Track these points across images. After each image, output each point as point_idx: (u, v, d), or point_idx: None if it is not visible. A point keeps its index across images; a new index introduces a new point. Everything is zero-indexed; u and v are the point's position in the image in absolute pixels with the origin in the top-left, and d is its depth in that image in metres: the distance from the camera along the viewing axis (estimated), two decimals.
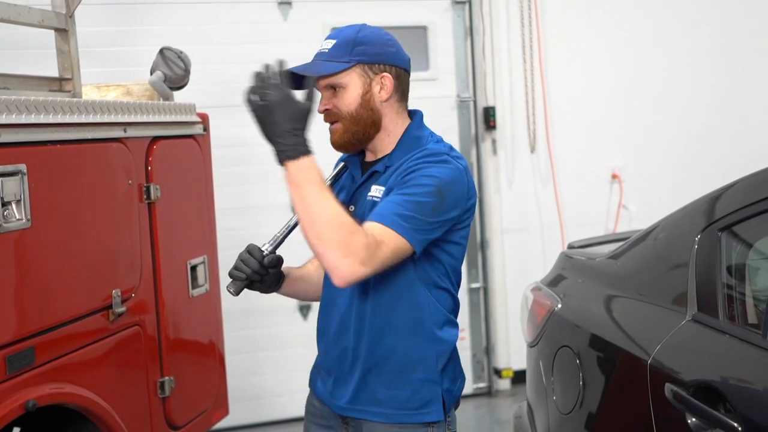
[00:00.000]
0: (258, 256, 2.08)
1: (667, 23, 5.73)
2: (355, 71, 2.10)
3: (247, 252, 2.09)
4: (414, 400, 2.11)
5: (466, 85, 5.45)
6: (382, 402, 2.12)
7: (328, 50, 2.10)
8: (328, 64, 2.09)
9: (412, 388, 2.11)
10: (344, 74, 2.10)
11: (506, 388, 5.57)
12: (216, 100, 4.62)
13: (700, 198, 2.34)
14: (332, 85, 2.10)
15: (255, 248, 2.09)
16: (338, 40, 2.10)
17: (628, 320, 2.40)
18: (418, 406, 2.11)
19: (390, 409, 2.11)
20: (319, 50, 2.13)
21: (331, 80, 2.10)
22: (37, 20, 2.94)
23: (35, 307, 2.37)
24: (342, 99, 2.10)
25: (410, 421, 2.11)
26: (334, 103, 2.10)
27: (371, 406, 2.13)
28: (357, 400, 2.14)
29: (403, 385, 2.11)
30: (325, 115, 2.13)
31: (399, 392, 2.11)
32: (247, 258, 2.08)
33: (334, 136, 2.13)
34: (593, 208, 5.66)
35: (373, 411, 2.13)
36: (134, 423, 2.80)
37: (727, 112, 5.81)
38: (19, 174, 2.29)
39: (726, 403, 1.86)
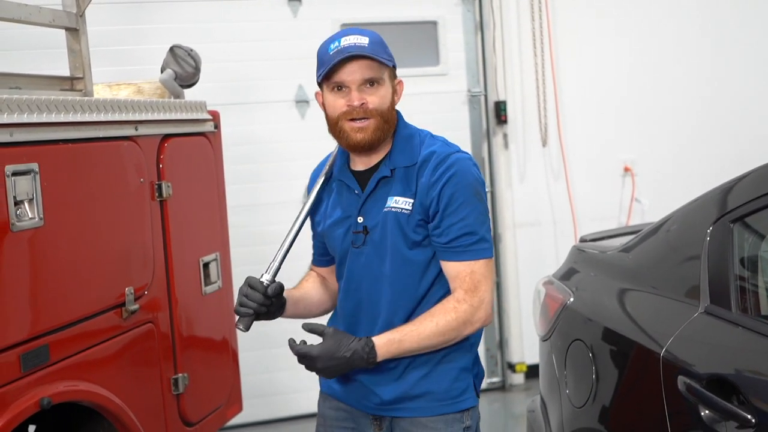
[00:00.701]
0: (261, 289, 2.09)
1: (678, 16, 5.69)
2: (389, 72, 2.14)
3: (249, 286, 2.10)
4: (453, 389, 2.16)
5: (476, 79, 5.44)
6: (422, 396, 2.15)
7: (367, 45, 2.07)
8: (381, 57, 2.08)
9: (450, 379, 2.17)
10: (386, 71, 2.12)
11: (520, 382, 5.57)
12: (226, 98, 4.64)
13: (712, 190, 2.33)
14: (374, 79, 2.08)
15: (256, 281, 2.10)
16: (372, 38, 2.10)
17: (641, 313, 2.39)
18: (457, 395, 2.17)
19: (431, 402, 2.16)
20: (354, 43, 2.07)
21: (375, 74, 2.08)
22: (48, 20, 2.96)
23: (49, 305, 2.38)
24: (379, 95, 2.09)
25: (450, 410, 2.16)
26: (370, 99, 2.08)
27: (411, 401, 2.16)
28: (396, 396, 2.16)
29: (444, 376, 2.16)
30: (357, 110, 2.07)
31: (439, 384, 2.15)
32: (250, 293, 2.09)
33: (364, 133, 2.08)
34: (605, 201, 5.64)
35: (412, 406, 2.16)
36: (149, 420, 2.81)
37: (739, 104, 5.78)
38: (32, 173, 2.30)
39: (739, 394, 1.85)
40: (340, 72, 2.06)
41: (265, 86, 5.05)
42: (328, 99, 2.11)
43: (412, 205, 2.10)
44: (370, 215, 2.13)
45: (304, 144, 4.85)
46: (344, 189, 2.18)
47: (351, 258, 2.16)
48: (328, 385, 2.28)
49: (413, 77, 5.25)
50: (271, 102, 5.06)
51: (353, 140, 2.08)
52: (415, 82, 5.25)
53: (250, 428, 4.96)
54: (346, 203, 2.17)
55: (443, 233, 2.09)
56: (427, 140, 2.17)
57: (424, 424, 2.15)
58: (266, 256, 2.23)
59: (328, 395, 2.29)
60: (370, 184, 2.14)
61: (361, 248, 2.14)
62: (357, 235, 2.14)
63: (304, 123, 5.09)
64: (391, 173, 2.13)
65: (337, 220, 2.18)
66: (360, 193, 2.15)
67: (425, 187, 2.10)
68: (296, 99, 5.10)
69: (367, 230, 2.13)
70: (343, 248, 2.18)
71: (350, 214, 2.15)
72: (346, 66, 2.05)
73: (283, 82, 5.06)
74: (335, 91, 2.09)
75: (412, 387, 2.15)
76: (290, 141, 5.02)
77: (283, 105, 5.08)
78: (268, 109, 5.07)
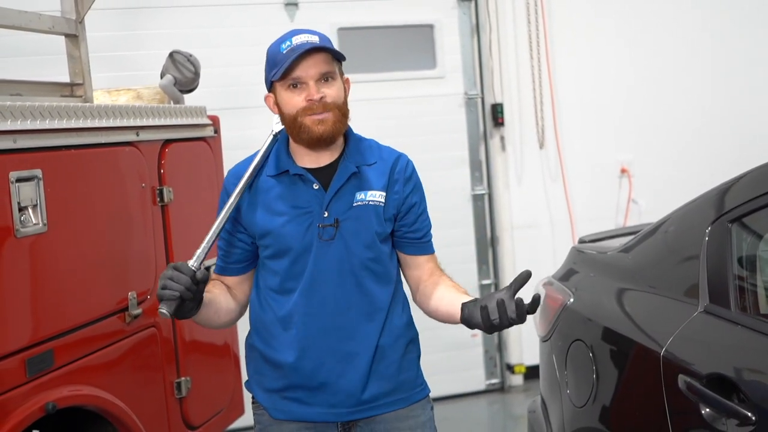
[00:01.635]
0: (188, 272, 2.00)
1: (674, 17, 5.72)
2: (339, 66, 2.17)
3: (175, 269, 2.00)
4: (418, 377, 2.28)
5: (473, 82, 5.46)
6: (397, 389, 2.22)
7: (318, 41, 2.10)
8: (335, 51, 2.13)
9: (414, 368, 2.27)
10: (337, 66, 2.16)
11: (519, 383, 5.58)
12: (223, 103, 4.64)
13: (710, 190, 2.35)
14: (329, 74, 2.11)
15: (182, 265, 2.01)
16: (320, 36, 2.13)
17: (641, 313, 2.41)
18: (421, 381, 2.29)
19: (405, 393, 2.23)
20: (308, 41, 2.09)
21: (330, 68, 2.12)
22: (48, 26, 2.97)
23: (53, 310, 2.39)
24: (335, 89, 2.12)
25: (420, 397, 2.26)
26: (327, 93, 2.10)
27: (386, 397, 2.20)
28: (371, 396, 2.18)
29: (410, 366, 2.26)
30: (316, 104, 2.08)
31: (408, 374, 2.24)
32: (176, 275, 1.99)
33: (325, 126, 2.09)
34: (603, 202, 5.66)
35: (388, 402, 2.20)
36: (152, 423, 2.82)
37: (735, 105, 5.80)
38: (35, 179, 2.32)
39: (739, 393, 1.87)
40: (297, 68, 2.08)
41: (263, 91, 5.04)
42: (284, 97, 2.12)
43: (385, 198, 2.19)
44: (337, 209, 2.14)
45: None
46: (298, 184, 2.16)
47: (316, 252, 2.13)
48: (282, 410, 2.20)
49: (410, 80, 5.29)
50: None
51: (315, 133, 2.09)
52: (412, 85, 5.29)
53: None
54: (301, 198, 2.15)
55: (418, 230, 2.26)
56: (378, 144, 2.28)
57: (405, 416, 2.21)
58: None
59: (284, 420, 2.21)
60: (339, 180, 2.15)
61: (329, 241, 2.13)
62: (325, 228, 2.13)
63: None
64: (358, 170, 2.17)
65: (293, 216, 2.15)
66: (321, 188, 2.14)
67: (400, 186, 2.21)
68: None
69: (338, 223, 2.13)
70: (303, 243, 2.13)
71: (311, 208, 2.14)
72: (303, 62, 2.07)
73: None
74: (291, 89, 2.10)
75: (391, 379, 2.19)
76: None
77: None
78: (266, 114, 5.05)
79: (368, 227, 2.17)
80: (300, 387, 2.18)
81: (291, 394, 2.19)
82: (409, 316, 2.29)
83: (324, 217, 2.13)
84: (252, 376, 2.28)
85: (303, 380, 2.17)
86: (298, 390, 2.18)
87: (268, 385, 2.22)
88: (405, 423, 2.20)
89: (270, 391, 2.22)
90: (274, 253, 2.17)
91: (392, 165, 2.21)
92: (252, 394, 2.29)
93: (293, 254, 2.15)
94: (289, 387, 2.19)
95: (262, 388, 2.24)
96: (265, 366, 2.22)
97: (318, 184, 2.15)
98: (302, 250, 2.14)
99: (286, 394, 2.20)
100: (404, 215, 2.23)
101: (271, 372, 2.21)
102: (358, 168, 2.17)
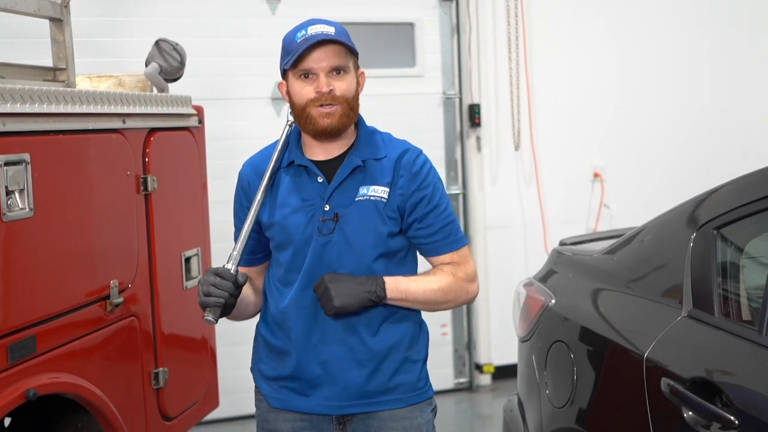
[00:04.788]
0: (230, 278, 2.01)
1: (652, 24, 5.79)
2: (353, 61, 2.15)
3: (217, 275, 2.01)
4: (420, 380, 2.25)
5: (452, 82, 5.48)
6: (396, 388, 2.20)
7: (334, 33, 2.08)
8: (349, 44, 2.10)
9: (417, 370, 2.24)
10: (351, 59, 2.14)
11: (487, 383, 5.62)
12: (203, 93, 4.60)
13: (697, 196, 2.38)
14: (341, 67, 2.09)
15: (224, 271, 2.02)
16: (337, 28, 2.11)
17: (624, 316, 2.43)
18: (423, 384, 2.26)
19: (404, 394, 2.22)
20: (322, 32, 2.07)
21: (342, 61, 2.10)
22: (33, 9, 2.94)
23: (37, 296, 2.38)
24: (346, 82, 2.10)
25: (420, 400, 2.24)
26: (337, 86, 2.09)
27: (382, 395, 2.19)
28: (366, 394, 2.18)
29: (412, 368, 2.23)
30: (325, 96, 2.07)
31: (410, 376, 2.22)
32: (219, 282, 2.00)
33: (331, 119, 2.08)
34: (575, 206, 5.71)
35: (388, 399, 2.20)
36: (129, 413, 2.81)
37: (707, 115, 5.88)
38: (23, 163, 2.30)
39: (722, 396, 1.90)
40: (309, 59, 2.07)
41: (243, 82, 5.05)
42: (295, 87, 2.11)
43: (388, 194, 2.14)
44: (338, 203, 2.12)
45: None
46: (303, 176, 2.16)
47: (315, 246, 2.12)
48: (279, 399, 2.22)
49: (389, 78, 5.29)
50: (248, 98, 5.06)
51: (321, 125, 2.09)
52: (391, 82, 5.29)
53: (225, 424, 4.95)
54: (305, 191, 2.15)
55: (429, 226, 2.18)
56: (390, 137, 2.25)
57: (401, 416, 2.20)
58: None
59: (281, 409, 2.22)
60: (343, 172, 2.13)
61: (328, 235, 2.12)
62: (325, 222, 2.12)
63: (280, 120, 5.05)
64: (363, 164, 2.15)
65: (297, 208, 2.15)
66: (324, 181, 2.14)
67: (405, 182, 2.16)
68: (272, 96, 5.10)
69: (337, 217, 2.12)
70: (304, 236, 2.13)
71: (313, 201, 2.13)
72: (315, 53, 2.06)
73: (260, 78, 5.05)
74: (302, 79, 2.09)
75: (389, 380, 2.18)
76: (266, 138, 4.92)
77: (259, 102, 5.08)
78: (245, 106, 5.06)
79: (371, 223, 2.13)
80: (297, 378, 2.18)
81: (288, 384, 2.20)
82: (416, 318, 2.26)
83: (325, 211, 2.12)
84: (255, 363, 2.30)
85: (299, 372, 2.17)
86: (295, 381, 2.19)
87: (267, 374, 2.24)
88: (400, 423, 2.20)
89: (269, 380, 2.24)
90: (277, 244, 2.18)
91: (397, 159, 2.17)
92: (254, 380, 2.30)
93: (294, 247, 2.15)
94: (286, 377, 2.20)
95: (263, 376, 2.26)
96: (267, 354, 2.24)
97: (322, 177, 2.14)
98: (303, 242, 2.13)
99: (283, 383, 2.21)
100: (411, 212, 2.16)
101: (271, 360, 2.23)
102: (364, 162, 2.15)
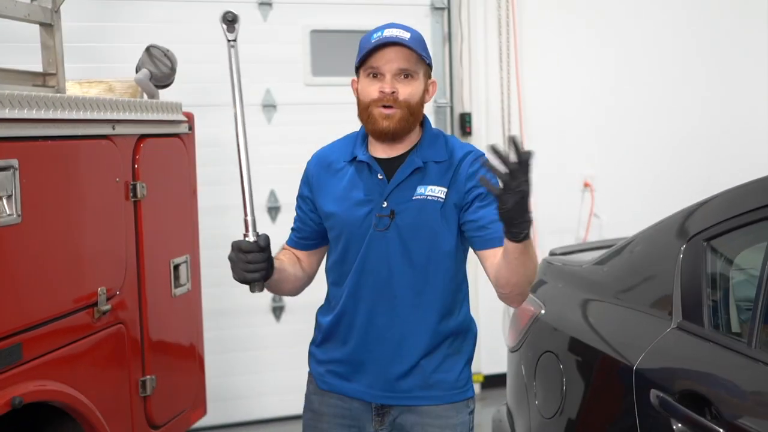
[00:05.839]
0: (257, 248, 2.04)
1: (643, 34, 5.80)
2: (424, 68, 2.20)
3: (243, 251, 2.04)
4: (461, 379, 2.28)
5: (443, 91, 5.47)
6: (433, 385, 2.23)
7: (408, 38, 2.14)
8: (419, 51, 2.14)
9: (459, 369, 2.28)
10: (422, 66, 2.19)
11: (476, 392, 5.59)
12: (193, 99, 4.58)
13: (686, 207, 2.39)
14: (408, 72, 2.14)
15: (247, 244, 2.04)
16: (413, 34, 2.17)
17: (614, 327, 2.44)
18: (463, 384, 2.29)
19: (443, 391, 2.24)
20: (396, 35, 2.13)
21: (411, 66, 2.14)
22: (23, 14, 2.92)
23: (24, 303, 2.35)
24: (411, 87, 2.15)
25: (458, 399, 2.27)
26: (401, 89, 2.14)
27: (421, 390, 2.23)
28: (407, 386, 2.22)
29: (454, 366, 2.27)
30: (387, 97, 2.12)
31: (451, 374, 2.26)
32: (250, 257, 2.04)
33: (390, 121, 2.14)
34: (565, 215, 5.70)
35: (426, 395, 2.23)
36: (116, 421, 2.78)
37: (698, 125, 5.90)
38: (11, 169, 2.28)
39: (712, 408, 1.90)
40: (378, 58, 2.13)
41: None
42: (363, 84, 2.18)
43: (446, 194, 2.17)
44: (396, 201, 2.18)
45: (269, 148, 4.83)
46: (365, 172, 2.22)
47: (371, 240, 2.18)
48: (326, 382, 2.31)
49: None
50: None
51: (379, 126, 2.15)
52: None
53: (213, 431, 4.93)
54: (367, 186, 2.21)
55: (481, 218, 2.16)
56: (455, 140, 2.29)
57: (438, 414, 2.23)
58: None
59: (326, 391, 2.31)
60: (403, 172, 2.19)
61: (383, 232, 2.17)
62: (381, 218, 2.17)
63: (270, 128, 5.07)
64: (424, 165, 2.20)
65: (357, 202, 2.21)
66: (384, 179, 2.19)
67: (463, 180, 2.17)
68: (263, 103, 5.09)
69: (393, 214, 2.17)
70: (361, 230, 2.19)
71: (372, 197, 2.19)
72: (385, 53, 2.12)
73: (250, 85, 5.02)
74: (370, 78, 2.15)
75: (429, 375, 2.22)
76: (256, 145, 4.96)
77: (250, 109, 5.04)
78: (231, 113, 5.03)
79: (426, 222, 2.16)
80: (344, 362, 2.27)
81: (335, 368, 2.29)
82: (465, 317, 2.31)
83: (382, 207, 2.18)
84: (313, 346, 2.38)
85: (347, 357, 2.26)
86: (343, 365, 2.27)
87: (319, 357, 2.34)
88: (436, 421, 2.23)
89: (320, 363, 2.33)
90: (335, 235, 2.26)
91: (459, 161, 2.20)
92: (308, 362, 2.39)
93: (350, 239, 2.22)
94: (334, 361, 2.29)
95: (315, 359, 2.35)
96: (324, 338, 2.32)
97: (382, 174, 2.20)
98: (359, 236, 2.20)
99: (331, 367, 2.29)
100: (468, 207, 2.17)
101: (326, 344, 2.31)
102: (424, 163, 2.19)
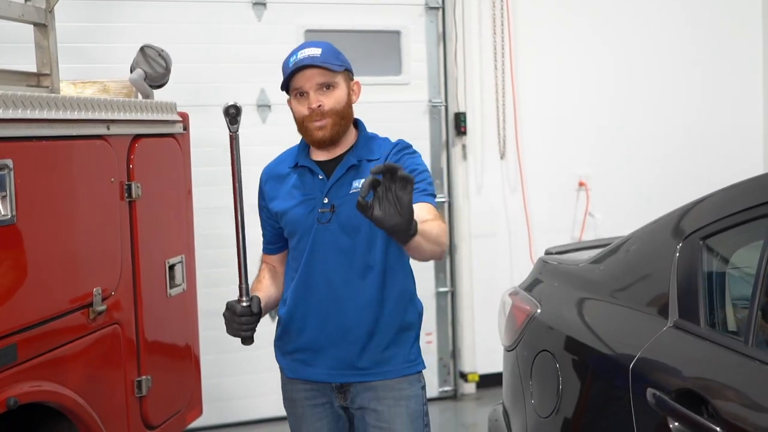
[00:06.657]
0: (248, 312, 2.32)
1: (639, 33, 5.81)
2: (343, 75, 2.46)
3: (237, 314, 2.31)
4: (411, 354, 2.51)
5: (437, 90, 5.48)
6: (389, 360, 2.47)
7: (319, 55, 2.40)
8: (331, 64, 2.40)
9: (409, 344, 2.51)
10: (339, 75, 2.44)
11: (472, 392, 5.61)
12: (187, 99, 4.58)
13: (682, 206, 2.39)
14: (328, 83, 2.40)
15: (241, 309, 2.32)
16: (324, 49, 2.43)
17: (610, 325, 2.43)
18: (414, 358, 2.52)
19: (396, 366, 2.48)
20: (308, 55, 2.39)
21: (328, 79, 2.40)
22: (17, 14, 2.92)
23: (19, 303, 2.35)
24: (334, 96, 2.41)
25: (410, 372, 2.50)
26: (325, 101, 2.39)
27: (380, 366, 2.46)
28: (362, 365, 2.44)
29: (404, 342, 2.50)
30: (314, 112, 2.39)
31: (400, 350, 2.48)
32: (242, 320, 2.32)
33: (324, 131, 2.40)
34: (560, 215, 5.72)
35: (381, 370, 2.46)
36: (111, 422, 2.78)
37: (693, 124, 5.92)
38: (6, 169, 2.27)
39: (708, 407, 1.90)
40: (299, 79, 2.40)
41: (227, 89, 5.00)
42: (294, 104, 2.45)
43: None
44: (335, 196, 2.42)
45: (264, 148, 4.74)
46: (307, 175, 2.48)
47: (316, 233, 2.43)
48: (293, 370, 2.53)
49: (375, 86, 5.27)
50: None
51: (316, 138, 2.42)
52: (377, 90, 5.27)
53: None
54: (308, 187, 2.46)
55: None
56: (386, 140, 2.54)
57: (392, 386, 2.46)
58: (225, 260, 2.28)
59: (294, 379, 2.54)
60: (339, 171, 2.44)
61: (326, 225, 2.42)
62: (323, 213, 2.43)
63: (265, 127, 5.08)
64: (358, 163, 2.44)
65: (301, 201, 2.46)
66: (324, 178, 2.45)
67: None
68: (258, 103, 5.09)
69: (333, 208, 2.41)
70: (306, 225, 2.44)
71: (314, 195, 2.45)
72: (304, 74, 2.38)
73: (245, 85, 5.04)
74: (298, 97, 2.43)
75: (382, 352, 2.45)
76: (251, 145, 4.96)
77: (245, 108, 4.99)
78: None
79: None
80: (304, 350, 2.49)
81: (299, 356, 2.51)
82: (410, 296, 2.52)
83: (324, 203, 2.43)
84: (276, 340, 2.59)
85: (306, 345, 2.48)
86: (305, 352, 2.49)
87: (284, 348, 2.55)
88: (391, 393, 2.46)
89: (285, 353, 2.55)
90: (287, 233, 2.53)
91: (386, 155, 2.45)
92: (275, 356, 2.60)
93: (299, 235, 2.47)
94: (297, 350, 2.51)
95: (280, 351, 2.57)
96: (284, 330, 2.53)
97: (323, 174, 2.46)
98: (305, 231, 2.45)
99: (295, 356, 2.52)
100: None
101: (287, 336, 2.53)
102: (359, 161, 2.45)
